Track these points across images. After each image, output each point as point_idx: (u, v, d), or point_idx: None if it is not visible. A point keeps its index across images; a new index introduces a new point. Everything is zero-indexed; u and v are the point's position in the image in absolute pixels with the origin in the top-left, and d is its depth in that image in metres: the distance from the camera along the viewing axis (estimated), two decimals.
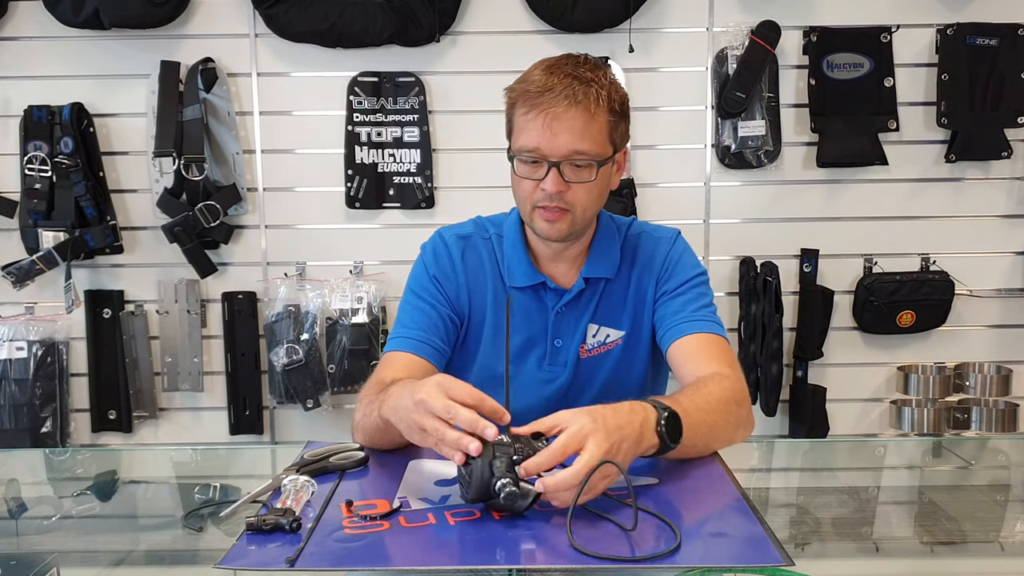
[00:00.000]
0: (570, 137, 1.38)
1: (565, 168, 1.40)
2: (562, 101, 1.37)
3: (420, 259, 1.60)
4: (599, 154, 1.41)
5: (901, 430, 2.69)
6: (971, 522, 1.28)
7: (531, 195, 1.43)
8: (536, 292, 1.54)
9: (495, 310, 1.55)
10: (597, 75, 1.41)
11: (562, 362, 1.55)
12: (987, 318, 2.76)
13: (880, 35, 2.63)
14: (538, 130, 1.39)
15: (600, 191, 1.46)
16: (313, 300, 2.64)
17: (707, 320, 1.50)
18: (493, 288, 1.55)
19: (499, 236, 1.57)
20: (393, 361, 1.49)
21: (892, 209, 2.71)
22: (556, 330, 1.54)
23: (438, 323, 1.53)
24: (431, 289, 1.55)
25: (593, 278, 1.53)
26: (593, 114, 1.39)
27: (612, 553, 0.99)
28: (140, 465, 1.74)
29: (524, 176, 1.43)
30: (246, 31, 2.65)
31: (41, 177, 2.59)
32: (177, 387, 2.73)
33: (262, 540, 1.03)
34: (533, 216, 1.45)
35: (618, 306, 1.55)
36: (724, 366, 1.43)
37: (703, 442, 1.28)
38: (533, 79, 1.41)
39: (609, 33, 2.61)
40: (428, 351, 1.50)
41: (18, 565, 1.13)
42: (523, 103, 1.41)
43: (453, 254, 1.56)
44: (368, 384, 1.45)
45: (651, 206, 2.64)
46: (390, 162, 2.68)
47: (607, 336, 1.55)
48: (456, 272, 1.56)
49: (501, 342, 1.53)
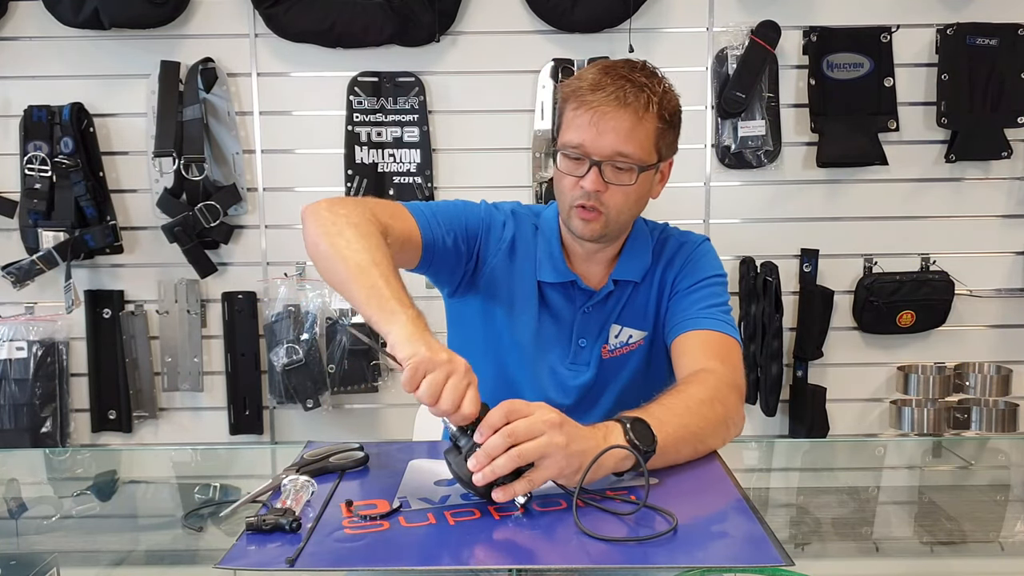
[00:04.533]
0: (615, 137, 1.38)
1: (606, 169, 1.40)
2: (612, 101, 1.37)
3: (485, 203, 1.58)
4: (642, 159, 1.41)
5: (901, 430, 2.69)
6: (971, 522, 1.28)
7: (571, 191, 1.43)
8: (565, 290, 1.54)
9: (522, 296, 1.53)
10: (652, 81, 1.41)
11: (584, 361, 1.54)
12: (987, 318, 2.76)
13: (880, 35, 2.63)
14: (584, 127, 1.39)
15: (639, 197, 1.46)
16: (313, 300, 2.65)
17: (713, 318, 1.48)
18: (520, 276, 1.54)
19: (535, 227, 1.57)
20: (398, 214, 1.44)
21: (892, 209, 2.71)
22: (581, 329, 1.54)
23: (455, 238, 1.50)
24: (472, 221, 1.53)
25: (622, 280, 1.53)
26: (641, 118, 1.39)
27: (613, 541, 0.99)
28: (140, 465, 1.74)
29: (566, 172, 1.43)
30: (246, 31, 2.65)
31: (41, 177, 2.59)
32: (177, 387, 2.73)
33: (262, 540, 1.03)
34: (570, 213, 1.45)
35: (642, 307, 1.55)
36: (717, 361, 1.40)
37: (689, 447, 1.27)
38: (587, 77, 1.41)
39: (609, 33, 2.61)
40: (429, 239, 1.46)
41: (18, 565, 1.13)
42: (574, 99, 1.41)
43: (508, 227, 1.54)
44: (367, 207, 1.38)
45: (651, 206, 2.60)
46: (390, 162, 2.68)
47: (630, 337, 1.54)
48: (503, 240, 1.54)
49: (527, 329, 1.52)
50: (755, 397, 2.69)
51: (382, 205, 1.43)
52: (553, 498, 1.14)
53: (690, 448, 1.27)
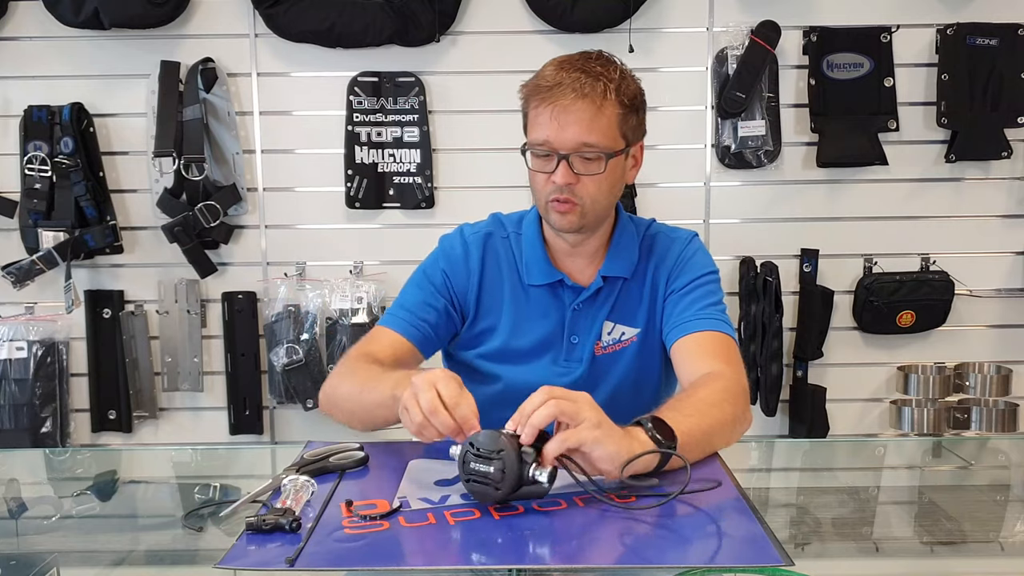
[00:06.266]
0: (578, 129, 1.40)
1: (574, 160, 1.42)
2: (570, 94, 1.39)
3: (439, 249, 1.62)
4: (608, 146, 1.42)
5: (901, 430, 2.69)
6: (971, 522, 1.28)
7: (544, 187, 1.46)
8: (553, 289, 1.55)
9: (513, 306, 1.56)
10: (607, 69, 1.43)
11: (577, 358, 1.55)
12: (987, 318, 2.76)
13: (880, 35, 2.63)
14: (547, 123, 1.41)
15: (611, 184, 1.47)
16: (313, 300, 2.64)
17: (711, 318, 1.50)
18: (511, 285, 1.57)
19: (517, 234, 1.60)
20: (381, 336, 1.54)
21: (892, 209, 2.70)
22: (573, 327, 1.55)
23: (436, 312, 1.56)
24: (439, 279, 1.58)
25: (611, 277, 1.55)
26: (600, 106, 1.40)
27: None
28: (140, 465, 1.74)
29: (537, 169, 1.46)
30: (246, 31, 2.65)
31: (41, 177, 2.59)
32: (177, 387, 2.73)
33: (262, 540, 1.03)
34: (547, 209, 1.48)
35: (634, 304, 1.56)
36: (721, 363, 1.42)
37: (699, 447, 1.28)
38: (545, 74, 1.44)
39: (609, 33, 2.61)
40: (416, 336, 1.53)
41: (18, 565, 1.13)
42: (534, 97, 1.44)
43: (471, 252, 1.58)
44: (354, 355, 1.49)
45: (651, 206, 2.64)
46: (390, 162, 2.68)
47: (622, 334, 1.56)
48: (470, 269, 1.57)
49: (519, 334, 1.56)
50: (755, 397, 2.69)
51: (362, 344, 1.54)
52: (553, 498, 1.14)
53: (700, 450, 1.29)
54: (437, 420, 1.16)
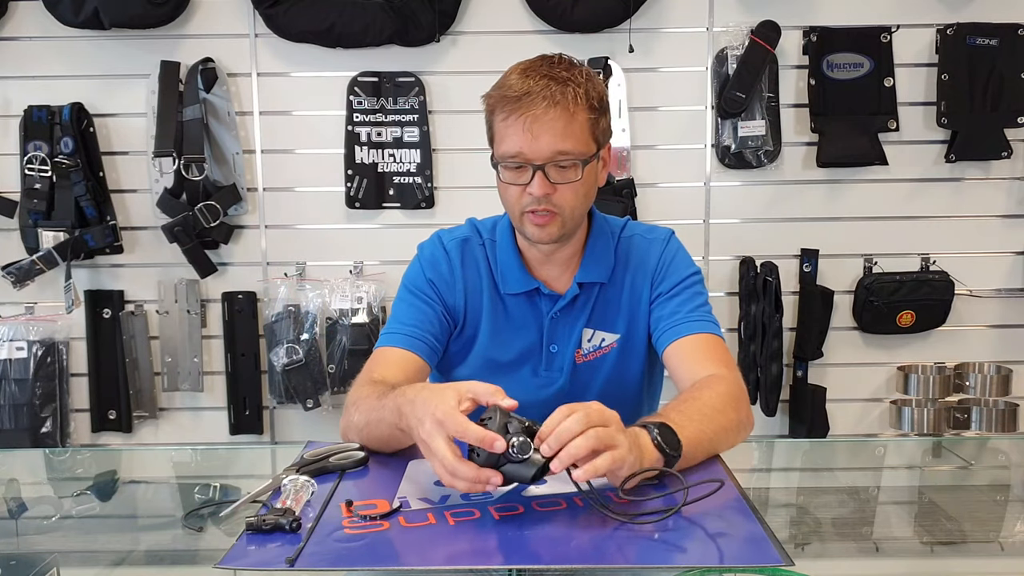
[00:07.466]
0: (552, 138, 1.37)
1: (550, 170, 1.39)
2: (540, 103, 1.36)
3: (417, 260, 1.60)
4: (583, 153, 1.40)
5: (901, 430, 2.69)
6: (971, 522, 1.28)
7: (519, 200, 1.43)
8: (530, 298, 1.54)
9: (491, 315, 1.55)
10: (573, 73, 1.40)
11: (558, 367, 1.54)
12: (987, 318, 2.76)
13: (880, 35, 2.63)
14: (519, 134, 1.38)
15: (587, 190, 1.45)
16: (313, 300, 2.64)
17: (702, 320, 1.49)
18: (489, 294, 1.55)
19: (492, 241, 1.57)
20: (386, 357, 1.49)
21: (892, 209, 2.71)
22: (551, 335, 1.54)
23: (433, 320, 1.53)
24: (427, 289, 1.55)
25: (587, 283, 1.53)
26: (573, 113, 1.38)
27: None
28: (140, 465, 1.74)
29: (510, 182, 1.43)
30: (246, 31, 2.65)
31: (41, 177, 2.59)
32: (177, 387, 2.73)
33: (262, 540, 1.03)
34: (523, 221, 1.44)
35: (613, 310, 1.55)
36: (720, 366, 1.42)
37: (703, 452, 1.28)
38: (510, 84, 1.40)
39: (609, 33, 2.61)
40: (422, 347, 1.50)
41: (18, 565, 1.13)
42: (501, 108, 1.40)
43: (452, 259, 1.56)
44: (361, 383, 1.43)
45: (651, 206, 2.64)
46: (390, 162, 2.68)
47: (602, 340, 1.54)
48: (454, 277, 1.55)
49: (498, 344, 1.54)
50: (755, 397, 2.69)
51: (366, 372, 1.48)
52: (553, 498, 1.14)
53: (703, 453, 1.28)
54: (460, 483, 1.08)
